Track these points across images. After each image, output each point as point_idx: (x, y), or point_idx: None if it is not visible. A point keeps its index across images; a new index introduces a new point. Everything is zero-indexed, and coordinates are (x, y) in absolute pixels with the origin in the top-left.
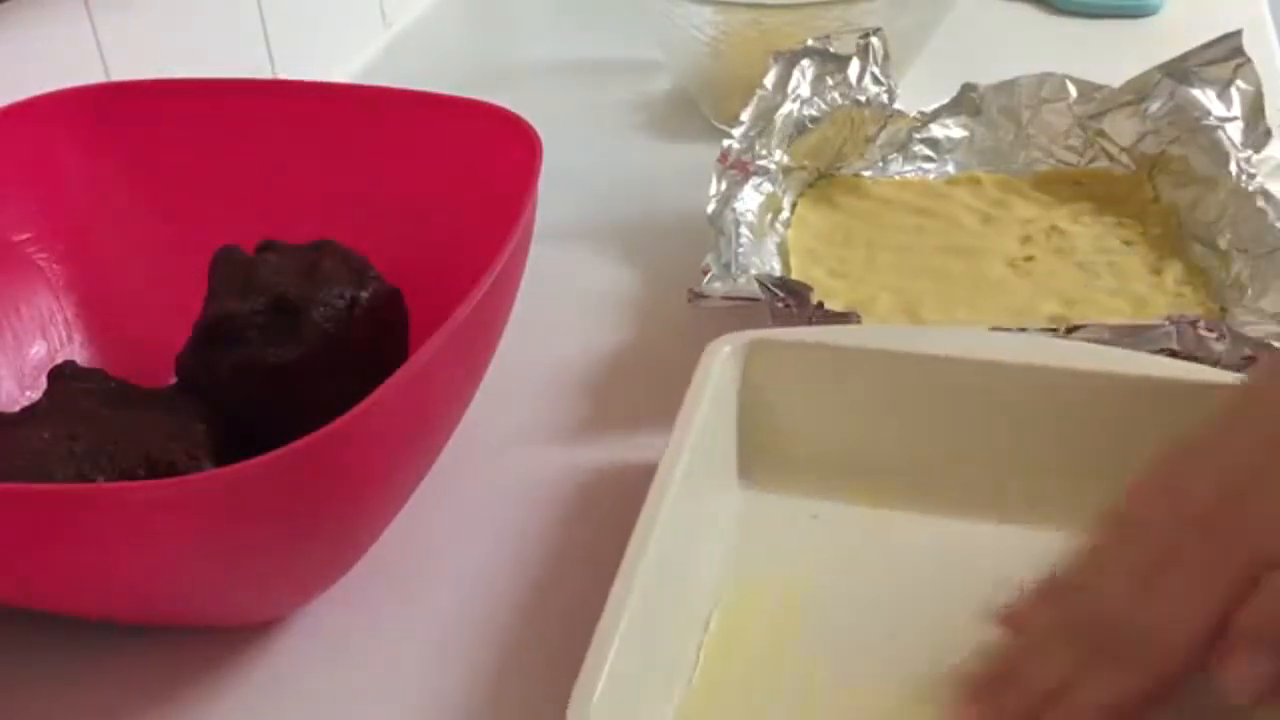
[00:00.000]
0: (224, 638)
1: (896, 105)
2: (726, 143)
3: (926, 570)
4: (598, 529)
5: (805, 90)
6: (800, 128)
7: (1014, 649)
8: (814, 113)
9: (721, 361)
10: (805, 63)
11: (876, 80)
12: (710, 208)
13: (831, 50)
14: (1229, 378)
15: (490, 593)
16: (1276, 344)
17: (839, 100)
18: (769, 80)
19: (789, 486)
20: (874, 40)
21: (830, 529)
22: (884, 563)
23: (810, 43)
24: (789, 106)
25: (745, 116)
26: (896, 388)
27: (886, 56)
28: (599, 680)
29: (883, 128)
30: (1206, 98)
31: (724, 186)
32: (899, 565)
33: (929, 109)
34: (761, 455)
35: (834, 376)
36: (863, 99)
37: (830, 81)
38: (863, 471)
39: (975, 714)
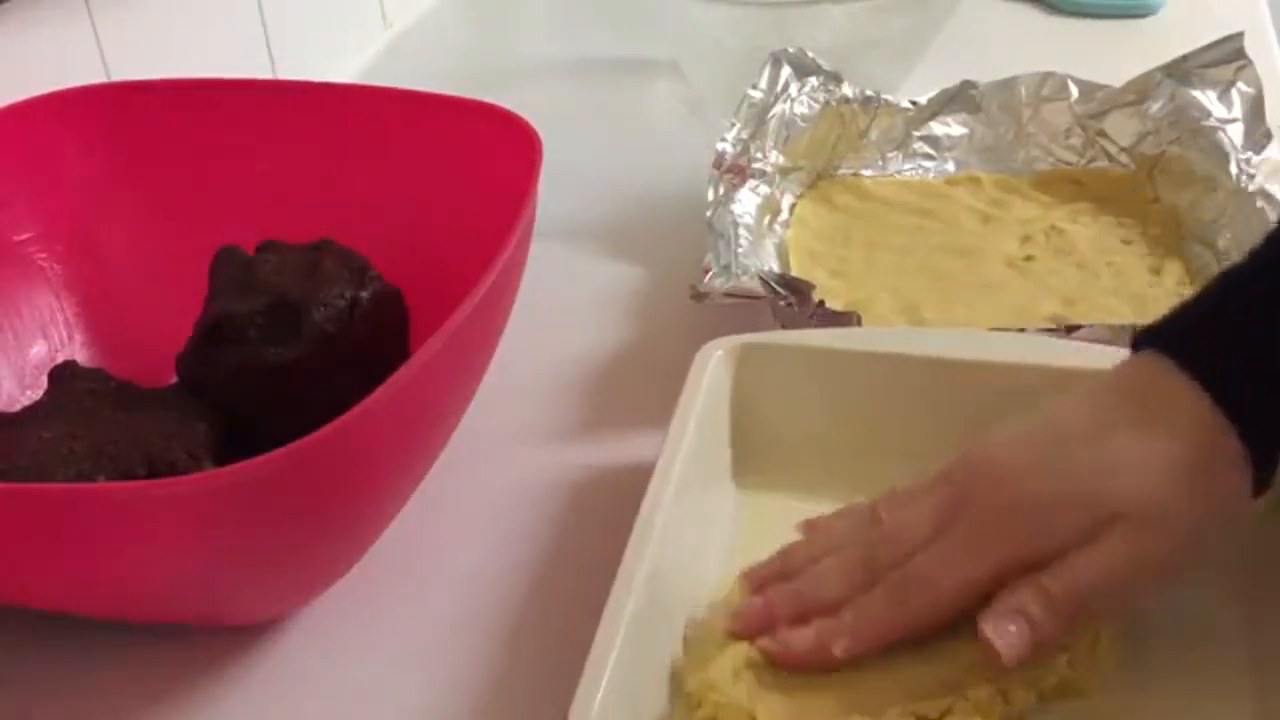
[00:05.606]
0: (224, 637)
1: (885, 96)
2: (720, 147)
3: None
4: (597, 529)
5: (793, 89)
6: (792, 127)
7: (805, 550)
8: (804, 110)
9: (714, 365)
10: (790, 63)
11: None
12: (708, 213)
13: (810, 55)
14: None
15: (490, 592)
16: None
17: (824, 97)
18: (759, 81)
19: (784, 487)
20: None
21: None
22: None
23: (790, 50)
24: (779, 107)
25: (736, 119)
26: (892, 389)
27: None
28: (599, 687)
29: (873, 119)
30: (1207, 99)
31: (721, 191)
32: None
33: (921, 99)
34: (756, 457)
35: (827, 379)
36: (850, 94)
37: (815, 81)
38: (858, 473)
39: (753, 601)
